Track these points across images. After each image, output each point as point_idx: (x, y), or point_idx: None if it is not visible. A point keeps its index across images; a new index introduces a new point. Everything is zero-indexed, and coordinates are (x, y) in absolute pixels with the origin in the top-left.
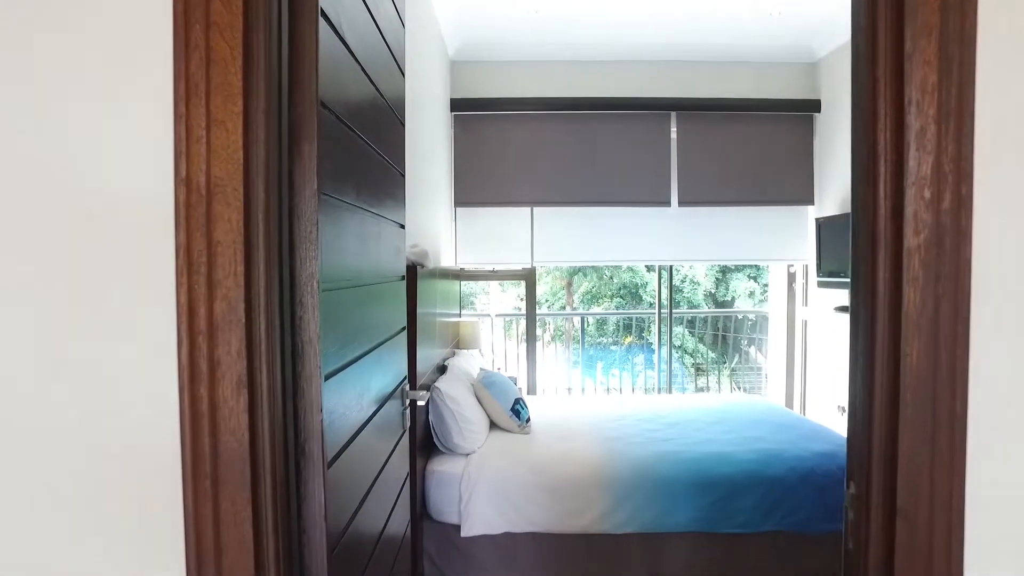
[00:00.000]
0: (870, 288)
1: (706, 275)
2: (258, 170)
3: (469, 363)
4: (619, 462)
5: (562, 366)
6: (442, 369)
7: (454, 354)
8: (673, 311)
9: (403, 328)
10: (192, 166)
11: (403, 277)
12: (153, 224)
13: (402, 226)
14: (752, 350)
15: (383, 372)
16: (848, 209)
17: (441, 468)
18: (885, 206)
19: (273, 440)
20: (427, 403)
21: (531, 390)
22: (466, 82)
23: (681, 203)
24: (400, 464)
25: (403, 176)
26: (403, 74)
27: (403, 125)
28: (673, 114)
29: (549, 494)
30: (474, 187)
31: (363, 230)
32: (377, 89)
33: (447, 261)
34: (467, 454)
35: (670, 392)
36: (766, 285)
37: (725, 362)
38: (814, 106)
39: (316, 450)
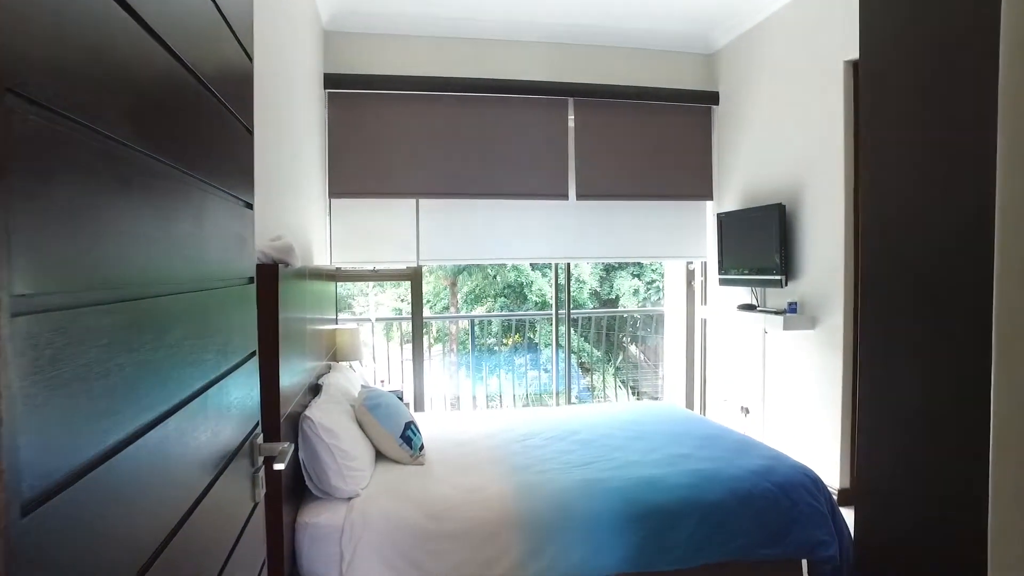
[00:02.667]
0: None
1: (591, 273)
2: None
3: (348, 379)
4: (535, 497)
5: (448, 372)
6: (316, 389)
7: (330, 369)
8: (571, 311)
9: (253, 353)
10: None
11: (252, 279)
12: None
13: (249, 205)
14: (634, 348)
15: (214, 428)
16: (749, 204)
17: (316, 519)
18: None
19: None
20: (296, 437)
21: (419, 406)
22: (342, 55)
23: (579, 196)
24: (256, 541)
25: (250, 133)
26: None
27: (251, 59)
28: (571, 100)
29: (452, 542)
30: (352, 175)
31: (162, 199)
32: None
33: (321, 259)
34: (349, 498)
35: (568, 397)
36: (650, 283)
37: (610, 360)
38: (712, 98)
39: None
